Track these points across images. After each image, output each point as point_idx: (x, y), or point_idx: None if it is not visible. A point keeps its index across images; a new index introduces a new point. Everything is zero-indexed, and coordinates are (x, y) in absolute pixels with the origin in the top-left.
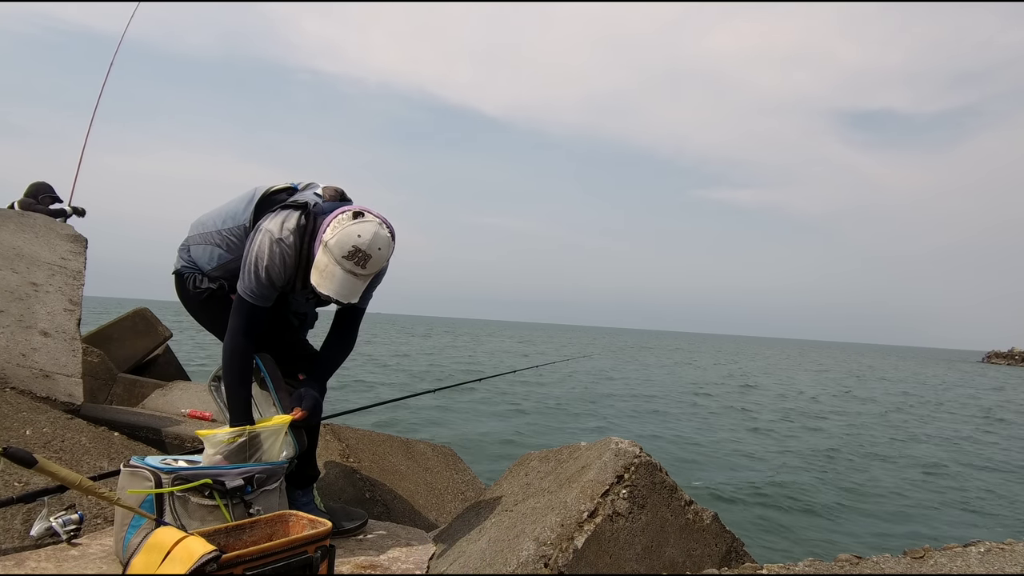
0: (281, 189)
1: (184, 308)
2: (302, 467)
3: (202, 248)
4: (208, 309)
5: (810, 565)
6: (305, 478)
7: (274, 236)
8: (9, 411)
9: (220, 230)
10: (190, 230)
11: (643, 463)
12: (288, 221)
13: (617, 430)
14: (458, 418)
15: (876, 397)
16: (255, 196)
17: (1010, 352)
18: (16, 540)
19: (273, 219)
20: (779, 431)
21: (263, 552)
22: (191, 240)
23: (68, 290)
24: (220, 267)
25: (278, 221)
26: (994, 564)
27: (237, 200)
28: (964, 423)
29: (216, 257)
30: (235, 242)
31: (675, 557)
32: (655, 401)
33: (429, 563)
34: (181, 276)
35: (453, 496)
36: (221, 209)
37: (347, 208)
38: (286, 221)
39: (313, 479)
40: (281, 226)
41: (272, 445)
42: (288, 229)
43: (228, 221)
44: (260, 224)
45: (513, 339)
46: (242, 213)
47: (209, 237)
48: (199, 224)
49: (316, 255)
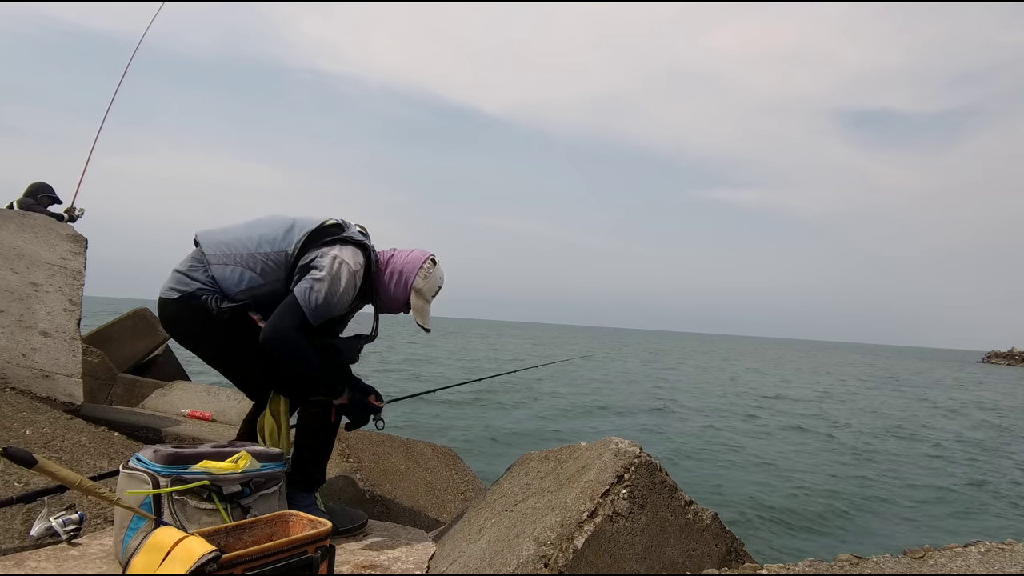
0: (333, 224)
1: (182, 339)
2: (311, 470)
3: (230, 269)
4: (230, 329)
5: (810, 565)
6: (312, 481)
7: (351, 268)
8: (9, 411)
9: (254, 253)
10: (207, 249)
11: (643, 463)
12: (358, 256)
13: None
14: (458, 418)
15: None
16: (297, 226)
17: (1010, 352)
18: (16, 540)
19: (343, 250)
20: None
21: (263, 552)
22: (211, 259)
23: (68, 290)
24: (247, 291)
25: (349, 254)
26: (994, 564)
27: (267, 225)
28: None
29: (247, 280)
30: (271, 268)
31: (675, 557)
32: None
33: (429, 563)
34: (196, 298)
35: (453, 496)
36: (246, 231)
37: (428, 255)
38: (356, 256)
39: (319, 484)
40: (354, 260)
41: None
42: (359, 264)
43: (264, 246)
44: (328, 252)
45: (529, 340)
46: (282, 240)
47: (240, 259)
48: (221, 244)
49: (411, 300)
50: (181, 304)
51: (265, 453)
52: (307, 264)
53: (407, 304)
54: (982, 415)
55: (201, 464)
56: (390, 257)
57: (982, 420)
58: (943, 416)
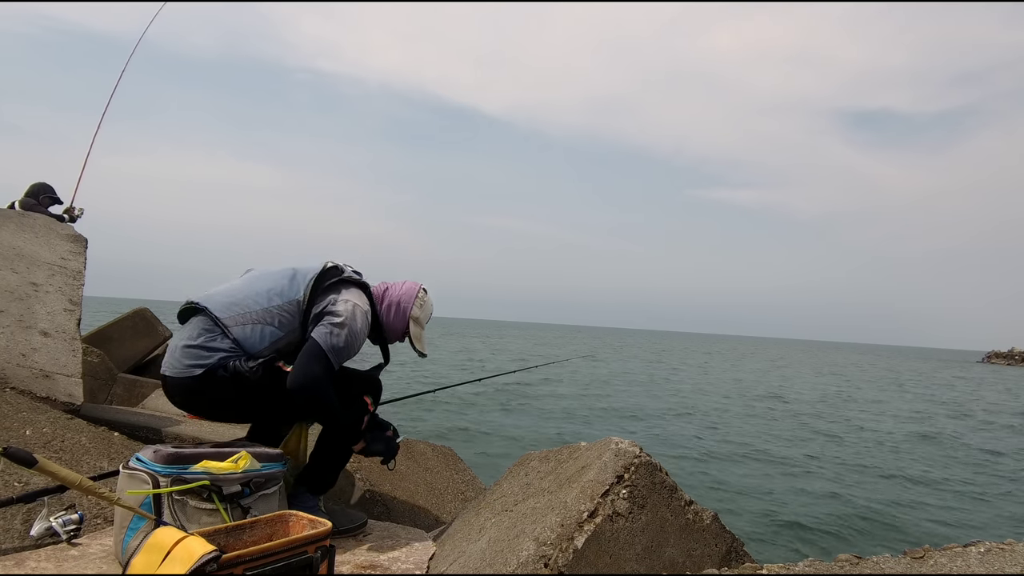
0: (332, 267)
1: (203, 410)
2: (327, 474)
3: (250, 328)
4: (261, 385)
5: (810, 565)
6: (324, 485)
7: (363, 309)
8: (9, 411)
9: (268, 308)
10: (220, 313)
11: (643, 463)
12: (362, 297)
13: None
14: (458, 418)
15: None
16: (300, 274)
17: (1010, 352)
18: (16, 540)
19: (351, 293)
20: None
21: (263, 552)
22: (228, 323)
23: (68, 290)
24: (271, 346)
25: (356, 295)
26: (994, 564)
27: (270, 278)
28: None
29: (268, 335)
30: (287, 318)
31: (675, 557)
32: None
33: (429, 563)
34: (223, 367)
35: (453, 496)
36: (251, 288)
37: (420, 286)
38: (361, 297)
39: (329, 486)
40: (363, 301)
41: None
42: (367, 303)
43: (275, 299)
44: (340, 297)
45: (530, 340)
46: (290, 289)
47: (256, 316)
48: (232, 306)
49: (409, 328)
50: (206, 379)
51: (265, 453)
52: (322, 311)
53: (404, 332)
54: (985, 415)
55: (201, 464)
56: (384, 291)
57: (986, 421)
58: (945, 416)
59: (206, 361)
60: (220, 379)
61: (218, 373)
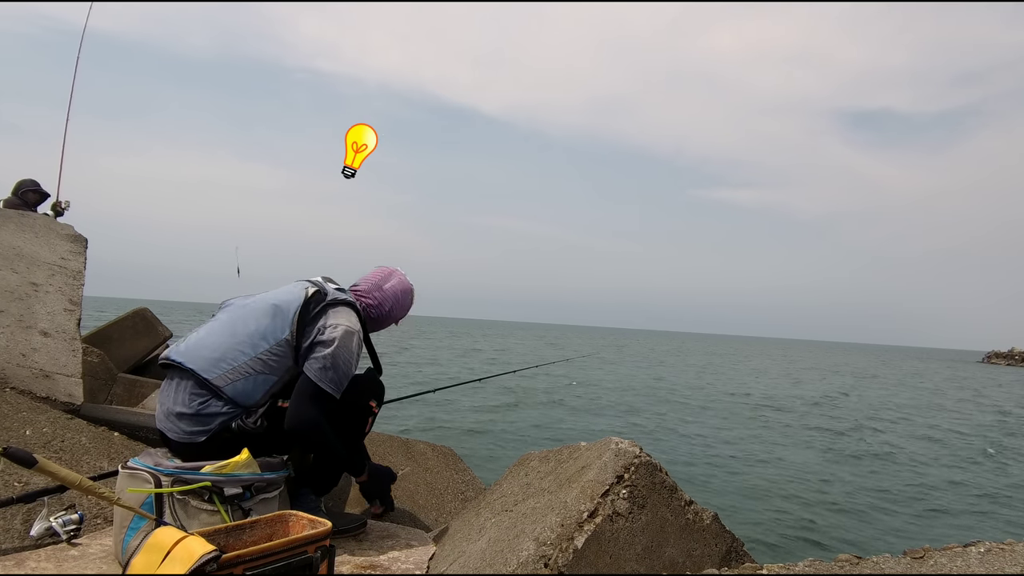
0: (315, 292)
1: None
2: (331, 475)
3: (242, 383)
4: (268, 433)
5: (810, 565)
6: (326, 486)
7: (352, 330)
8: (9, 411)
9: (257, 356)
10: (207, 374)
11: (643, 463)
12: (352, 317)
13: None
14: (458, 417)
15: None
16: (281, 309)
17: (1010, 352)
18: (16, 540)
19: (342, 315)
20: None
21: (263, 552)
22: (219, 382)
23: (68, 290)
24: (267, 393)
25: (345, 317)
26: (994, 564)
27: (250, 320)
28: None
29: (262, 383)
30: (279, 360)
31: (675, 557)
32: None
33: (429, 563)
34: (227, 429)
35: (453, 496)
36: (232, 336)
37: (401, 272)
38: (350, 317)
39: (331, 486)
40: (352, 321)
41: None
42: (357, 323)
43: (262, 343)
44: (328, 324)
45: (534, 341)
46: (274, 328)
47: (246, 367)
48: (219, 362)
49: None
50: (211, 443)
51: (267, 462)
52: (312, 343)
53: (397, 320)
54: (988, 416)
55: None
56: (373, 291)
57: (990, 421)
58: (948, 416)
59: (207, 427)
60: (226, 439)
61: (223, 435)
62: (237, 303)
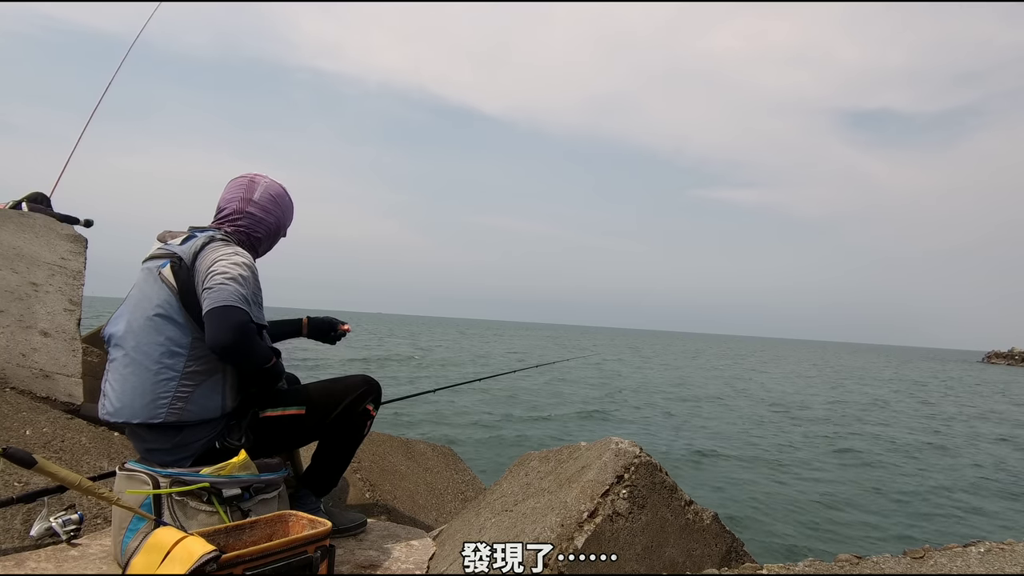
0: (177, 261)
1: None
2: (330, 476)
3: (193, 403)
4: (259, 445)
5: (810, 565)
6: (326, 486)
7: (235, 259)
8: (9, 411)
9: (185, 371)
10: (155, 419)
11: (643, 463)
12: (228, 246)
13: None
14: (458, 417)
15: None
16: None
17: (1010, 352)
18: (16, 540)
19: (211, 254)
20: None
21: (263, 552)
22: (170, 417)
23: (68, 290)
24: (224, 391)
25: (218, 251)
26: (994, 564)
27: (150, 342)
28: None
29: (211, 388)
30: (203, 357)
31: (675, 557)
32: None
33: (429, 563)
34: (211, 451)
35: (453, 496)
36: (149, 369)
37: (267, 177)
38: (227, 248)
39: (331, 487)
40: (231, 247)
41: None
42: (239, 249)
43: (180, 356)
44: (204, 272)
45: (535, 341)
46: (179, 332)
47: (186, 388)
48: (155, 401)
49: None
50: (202, 458)
51: (265, 463)
52: (203, 289)
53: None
54: (989, 415)
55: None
56: (244, 208)
57: (991, 421)
58: (949, 416)
59: (191, 453)
60: (218, 453)
61: (211, 454)
62: (116, 334)
